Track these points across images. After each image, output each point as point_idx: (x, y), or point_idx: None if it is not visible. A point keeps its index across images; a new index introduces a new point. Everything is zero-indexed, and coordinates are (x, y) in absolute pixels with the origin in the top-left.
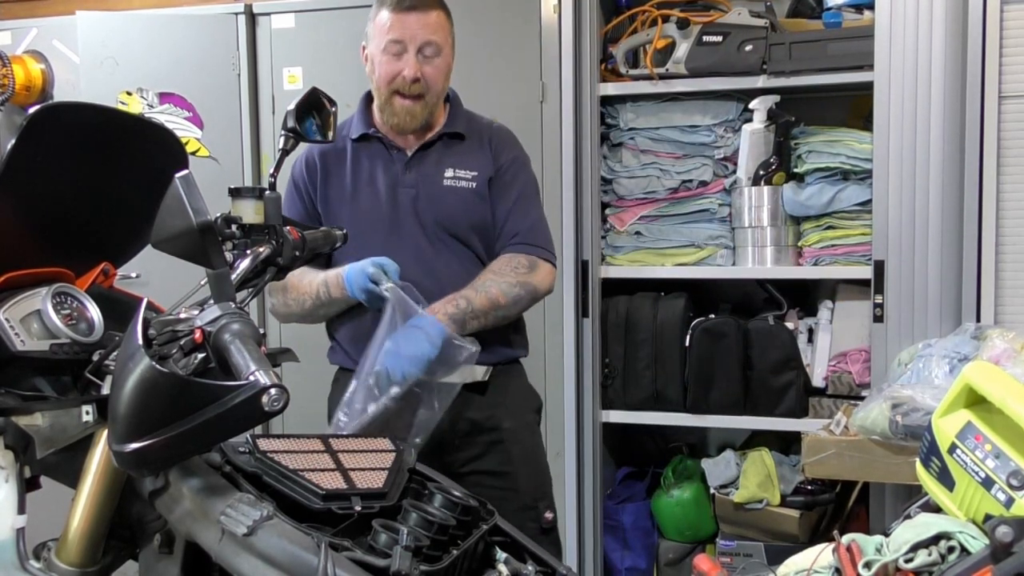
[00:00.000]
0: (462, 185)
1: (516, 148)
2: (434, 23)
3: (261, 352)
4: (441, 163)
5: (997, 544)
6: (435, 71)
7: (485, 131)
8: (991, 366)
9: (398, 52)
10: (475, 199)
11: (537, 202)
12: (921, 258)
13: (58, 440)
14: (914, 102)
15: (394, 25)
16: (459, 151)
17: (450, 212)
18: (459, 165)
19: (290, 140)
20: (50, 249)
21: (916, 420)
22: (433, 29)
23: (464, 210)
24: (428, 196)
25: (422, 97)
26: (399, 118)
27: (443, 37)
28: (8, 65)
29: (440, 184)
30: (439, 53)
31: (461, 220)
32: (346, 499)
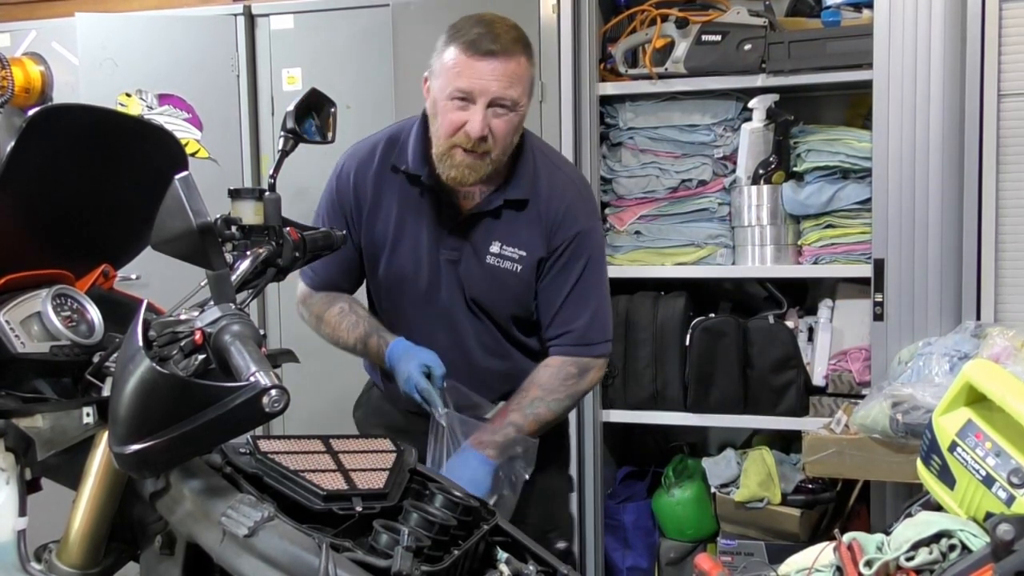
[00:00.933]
0: (505, 266)
1: (581, 221)
2: (513, 74)
3: (261, 353)
4: (491, 231)
5: (998, 542)
6: (506, 127)
7: (549, 199)
8: (991, 364)
9: (465, 103)
10: (516, 283)
11: (598, 287)
12: (921, 256)
13: (59, 442)
14: (913, 101)
15: (464, 71)
16: (514, 221)
17: (487, 296)
18: (507, 240)
19: (289, 141)
20: (50, 251)
21: (916, 418)
22: (511, 81)
23: (502, 297)
24: (467, 267)
25: (488, 154)
26: (457, 172)
27: (521, 90)
28: (7, 67)
29: (482, 259)
30: (514, 108)
31: (498, 307)
32: (347, 500)
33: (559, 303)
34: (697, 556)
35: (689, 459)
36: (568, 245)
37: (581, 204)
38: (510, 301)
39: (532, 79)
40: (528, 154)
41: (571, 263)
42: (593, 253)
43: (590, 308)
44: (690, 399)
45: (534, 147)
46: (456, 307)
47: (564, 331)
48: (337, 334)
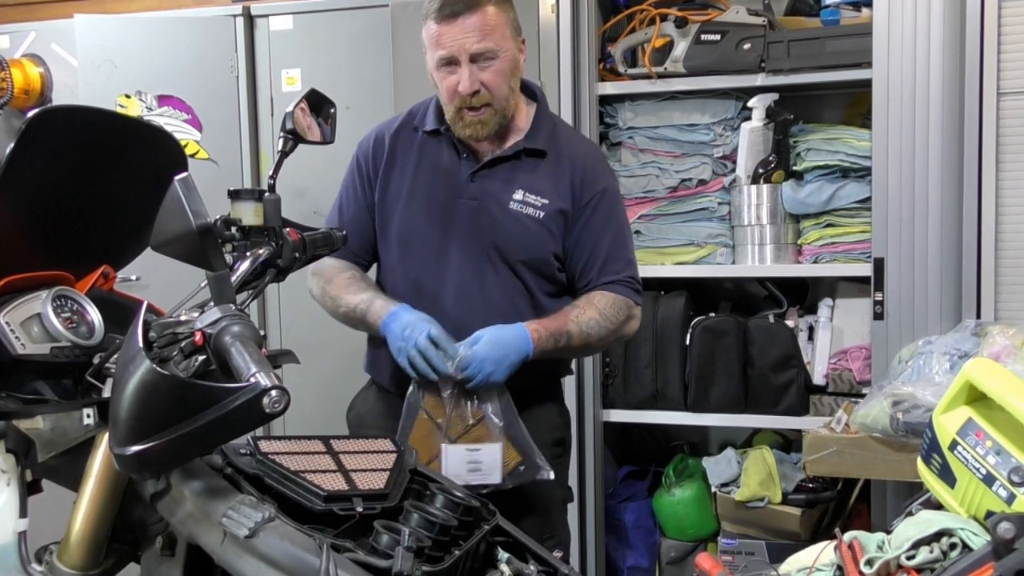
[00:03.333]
0: (528, 212)
1: (609, 177)
2: (482, 24)
3: (262, 354)
4: (512, 181)
5: (999, 540)
6: (495, 76)
7: (571, 155)
8: (992, 362)
9: (451, 66)
10: (539, 230)
11: (630, 240)
12: (921, 255)
13: (59, 443)
14: (913, 99)
15: (440, 38)
16: (535, 171)
17: (508, 239)
18: (531, 188)
19: (289, 142)
20: (50, 252)
21: (917, 417)
22: (483, 33)
23: (524, 240)
24: (489, 215)
25: (489, 105)
26: (470, 130)
27: (498, 37)
28: (7, 69)
29: (505, 205)
30: (496, 55)
31: (519, 250)
32: (347, 500)
33: (604, 248)
34: (698, 556)
35: (690, 458)
36: (600, 198)
37: (604, 164)
38: (532, 246)
39: (508, 22)
40: (546, 117)
41: (608, 214)
42: (623, 211)
43: (631, 259)
44: (690, 398)
45: (553, 116)
46: (470, 258)
47: (616, 273)
48: (341, 297)
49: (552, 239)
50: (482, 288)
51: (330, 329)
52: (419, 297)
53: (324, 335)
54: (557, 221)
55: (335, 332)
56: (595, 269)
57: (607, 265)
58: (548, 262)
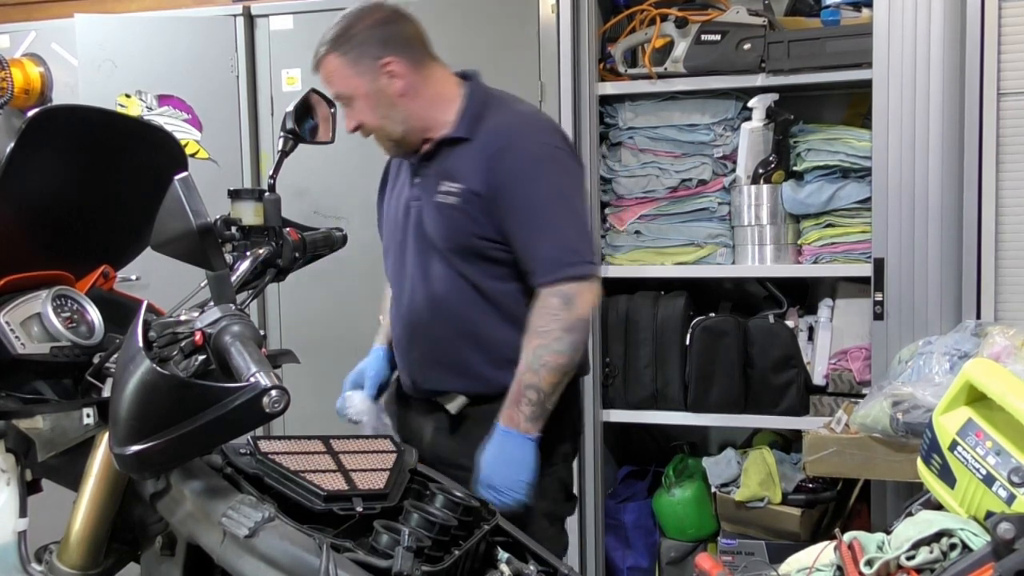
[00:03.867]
0: (448, 201)
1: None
2: (329, 76)
3: (261, 354)
4: (439, 174)
5: (999, 541)
6: (360, 114)
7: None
8: (992, 363)
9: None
10: (456, 215)
11: (559, 208)
12: (921, 255)
13: (59, 443)
14: (913, 99)
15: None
16: (456, 159)
17: (434, 230)
18: (451, 177)
19: (289, 141)
20: (50, 252)
21: (917, 417)
22: (329, 83)
23: (445, 229)
24: (423, 211)
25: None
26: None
27: (341, 82)
28: (7, 68)
29: (432, 199)
30: (350, 96)
31: (443, 239)
32: (347, 500)
33: (520, 236)
34: (698, 556)
35: (689, 458)
36: (512, 176)
37: (527, 133)
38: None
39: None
40: (473, 101)
41: (520, 192)
42: (545, 176)
43: (552, 231)
44: (690, 399)
45: (485, 93)
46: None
47: (532, 263)
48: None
49: (472, 222)
50: (428, 285)
51: (330, 329)
52: (395, 304)
53: (324, 335)
54: (473, 203)
55: (335, 332)
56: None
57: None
58: (475, 246)
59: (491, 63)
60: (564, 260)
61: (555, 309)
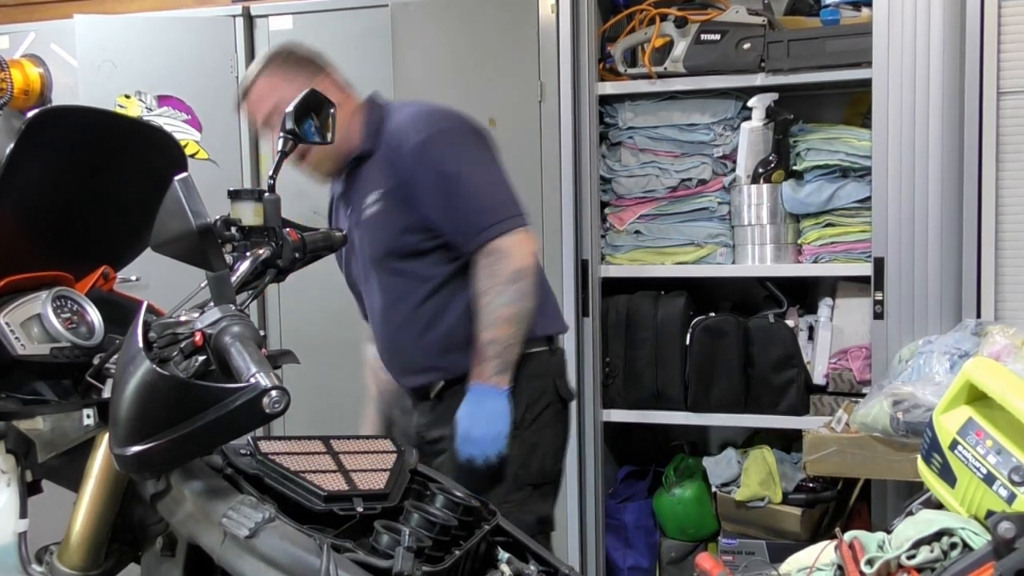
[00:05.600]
0: (372, 212)
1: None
2: (256, 101)
3: (262, 354)
4: (360, 193)
5: (999, 540)
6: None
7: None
8: (992, 362)
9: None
10: (385, 222)
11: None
12: (921, 255)
13: (59, 444)
14: (913, 99)
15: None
16: (368, 172)
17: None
18: (368, 190)
19: (288, 142)
20: (50, 253)
21: (917, 417)
22: (257, 108)
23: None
24: (363, 233)
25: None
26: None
27: (269, 105)
28: (6, 69)
29: (362, 219)
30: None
31: (378, 249)
32: (348, 500)
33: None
34: (698, 555)
35: (690, 458)
36: (414, 160)
37: (418, 120)
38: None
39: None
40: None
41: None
42: (445, 149)
43: (467, 198)
44: (691, 398)
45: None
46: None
47: (459, 235)
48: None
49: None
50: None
51: (330, 329)
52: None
53: (324, 335)
54: (390, 201)
55: (335, 332)
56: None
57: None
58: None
59: (491, 63)
60: (485, 220)
61: (491, 266)
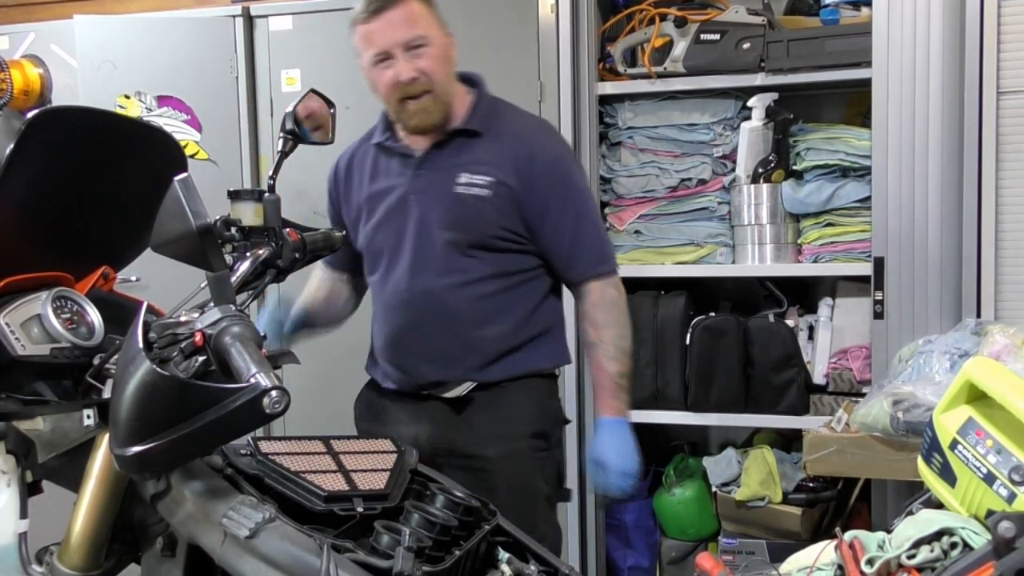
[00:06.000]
0: (474, 192)
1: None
2: (408, 16)
3: (262, 354)
4: (454, 166)
5: (999, 540)
6: (431, 62)
7: (512, 131)
8: (992, 362)
9: (386, 61)
10: (485, 208)
11: (589, 208)
12: (921, 254)
13: (59, 444)
14: (912, 98)
15: (370, 37)
16: (475, 152)
17: (457, 222)
18: (472, 169)
19: (288, 142)
20: (50, 253)
21: (917, 416)
22: (409, 23)
23: (473, 220)
24: (437, 203)
25: (430, 92)
26: (416, 119)
27: (424, 25)
28: (6, 70)
29: (450, 191)
30: (428, 42)
31: (469, 231)
32: (348, 500)
33: (564, 231)
34: (698, 555)
35: (690, 458)
36: (552, 171)
37: (550, 135)
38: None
39: (432, 14)
40: (485, 101)
41: (567, 190)
42: (582, 182)
43: (593, 229)
44: (691, 398)
45: (495, 99)
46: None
47: (578, 257)
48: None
49: (501, 214)
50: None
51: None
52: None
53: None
54: (503, 195)
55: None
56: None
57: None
58: (497, 237)
59: (491, 63)
60: (609, 254)
61: (616, 299)
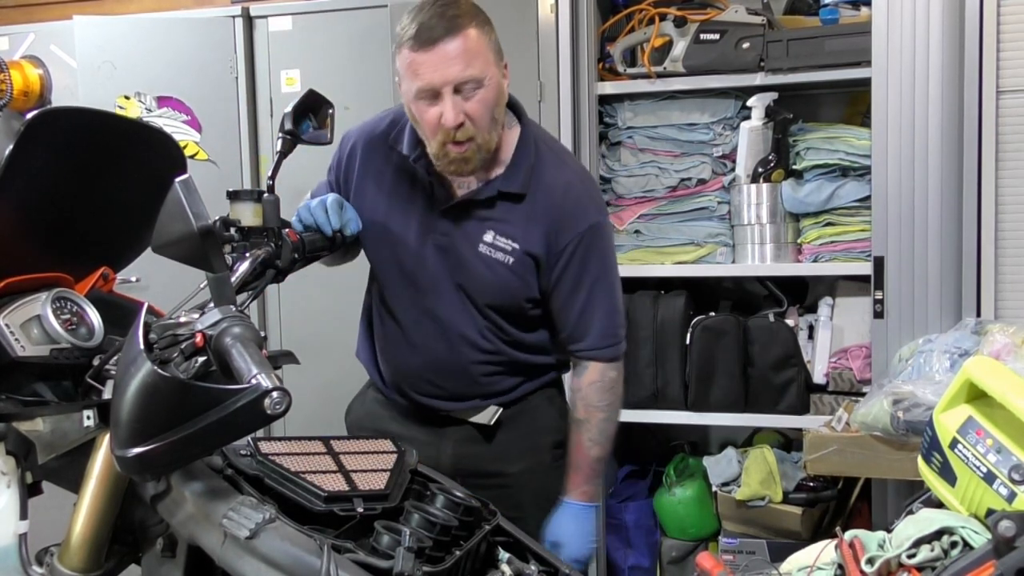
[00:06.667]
0: (497, 257)
1: (591, 215)
2: (465, 52)
3: (262, 355)
4: (484, 222)
5: (999, 539)
6: (480, 106)
7: (550, 193)
8: (992, 361)
9: (433, 99)
10: (507, 276)
11: (614, 280)
12: (921, 254)
13: (60, 445)
14: (912, 98)
15: (420, 68)
16: (508, 212)
17: (475, 282)
18: (502, 231)
19: (288, 142)
20: (50, 254)
21: (917, 416)
22: (466, 60)
23: (492, 286)
24: (457, 255)
25: (473, 140)
26: (455, 166)
27: (482, 64)
28: (6, 71)
29: (474, 248)
30: (482, 83)
31: (485, 295)
32: (348, 501)
33: (580, 304)
34: (699, 555)
35: (690, 458)
36: (579, 243)
37: (587, 200)
38: (499, 291)
39: (490, 46)
40: (530, 147)
41: (587, 261)
42: (607, 247)
43: (607, 306)
44: (691, 398)
45: (537, 139)
46: (440, 291)
47: (584, 333)
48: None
49: (523, 285)
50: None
51: (330, 329)
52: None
53: (324, 335)
54: (527, 265)
55: (335, 332)
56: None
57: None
58: (519, 307)
59: None
60: (618, 336)
61: (614, 384)
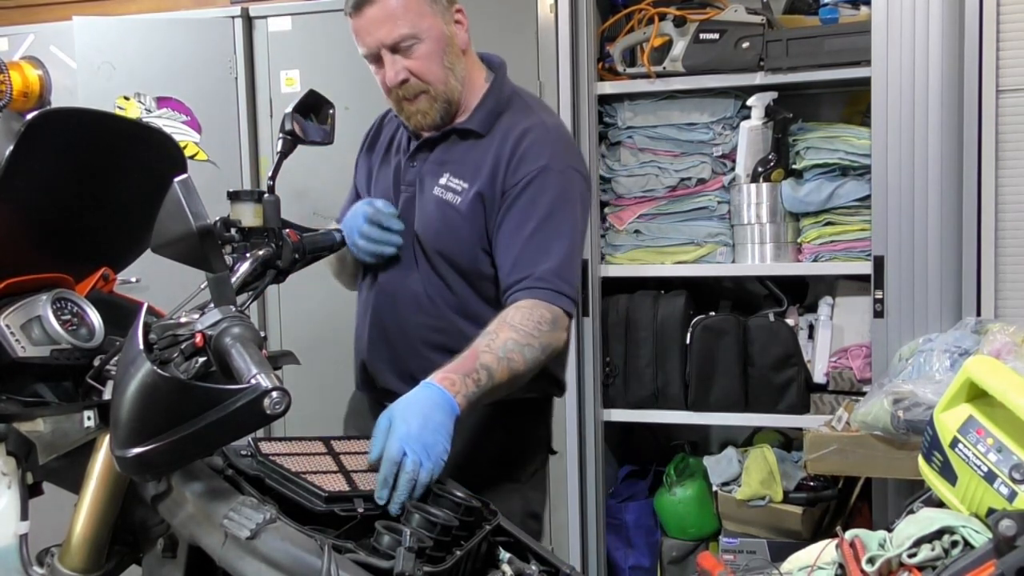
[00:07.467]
0: (447, 198)
1: (545, 159)
2: (387, 14)
3: (262, 355)
4: (442, 164)
5: (1000, 538)
6: (421, 61)
7: (511, 132)
8: (992, 360)
9: (376, 61)
10: (455, 218)
11: (568, 235)
12: (921, 253)
13: (60, 446)
14: (912, 97)
15: (358, 33)
16: (465, 152)
17: (425, 227)
18: (455, 172)
19: (288, 143)
20: (50, 254)
21: (918, 415)
22: (392, 20)
23: (439, 229)
24: (420, 202)
25: (426, 92)
26: (414, 120)
27: (410, 20)
28: (5, 71)
29: (430, 191)
30: (417, 38)
31: (434, 240)
32: (348, 501)
33: (520, 243)
34: (699, 555)
35: (690, 458)
36: (528, 183)
37: (546, 145)
38: (447, 236)
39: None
40: (500, 94)
41: (534, 201)
42: (562, 196)
43: (557, 254)
44: (691, 398)
45: (514, 91)
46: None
47: (528, 274)
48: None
49: (472, 230)
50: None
51: (330, 329)
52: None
53: (324, 336)
54: (476, 208)
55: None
56: (507, 269)
57: (519, 262)
58: (471, 257)
59: None
60: (562, 288)
61: (542, 322)
